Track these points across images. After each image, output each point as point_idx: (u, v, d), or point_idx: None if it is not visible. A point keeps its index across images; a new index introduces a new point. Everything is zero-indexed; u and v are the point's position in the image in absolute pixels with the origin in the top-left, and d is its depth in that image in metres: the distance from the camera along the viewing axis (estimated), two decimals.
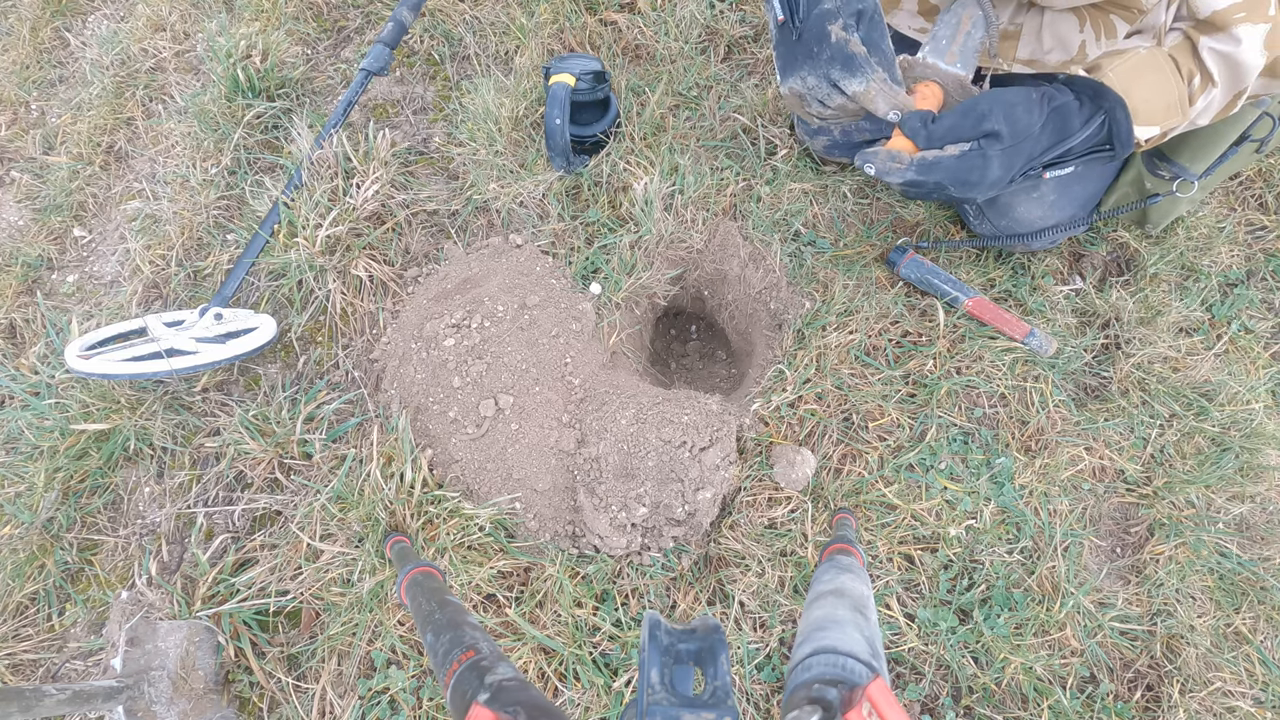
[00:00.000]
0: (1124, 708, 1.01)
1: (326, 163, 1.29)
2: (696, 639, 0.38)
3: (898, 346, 1.21)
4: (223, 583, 1.08)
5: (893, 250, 1.25)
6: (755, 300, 1.32)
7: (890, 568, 1.07)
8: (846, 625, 0.53)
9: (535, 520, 1.11)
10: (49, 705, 0.84)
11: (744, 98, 1.43)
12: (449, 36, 1.59)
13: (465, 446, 1.12)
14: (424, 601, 0.70)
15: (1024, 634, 1.03)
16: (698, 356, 1.55)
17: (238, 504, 1.15)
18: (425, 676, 1.03)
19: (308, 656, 1.05)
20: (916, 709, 1.01)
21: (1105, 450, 1.16)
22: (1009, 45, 1.01)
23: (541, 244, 1.31)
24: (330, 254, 1.26)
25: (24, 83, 1.74)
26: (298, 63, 1.56)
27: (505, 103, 1.38)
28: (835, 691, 0.44)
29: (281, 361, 1.27)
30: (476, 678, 0.51)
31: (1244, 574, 1.10)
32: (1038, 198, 1.12)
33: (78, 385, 1.22)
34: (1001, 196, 1.14)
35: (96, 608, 1.13)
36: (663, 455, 1.08)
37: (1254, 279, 1.32)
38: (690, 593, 1.08)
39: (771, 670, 1.03)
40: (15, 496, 1.18)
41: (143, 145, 1.57)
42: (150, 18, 1.71)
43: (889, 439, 1.15)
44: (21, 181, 1.60)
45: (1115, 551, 1.14)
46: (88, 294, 1.41)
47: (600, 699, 1.00)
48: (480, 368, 1.13)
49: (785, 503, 1.11)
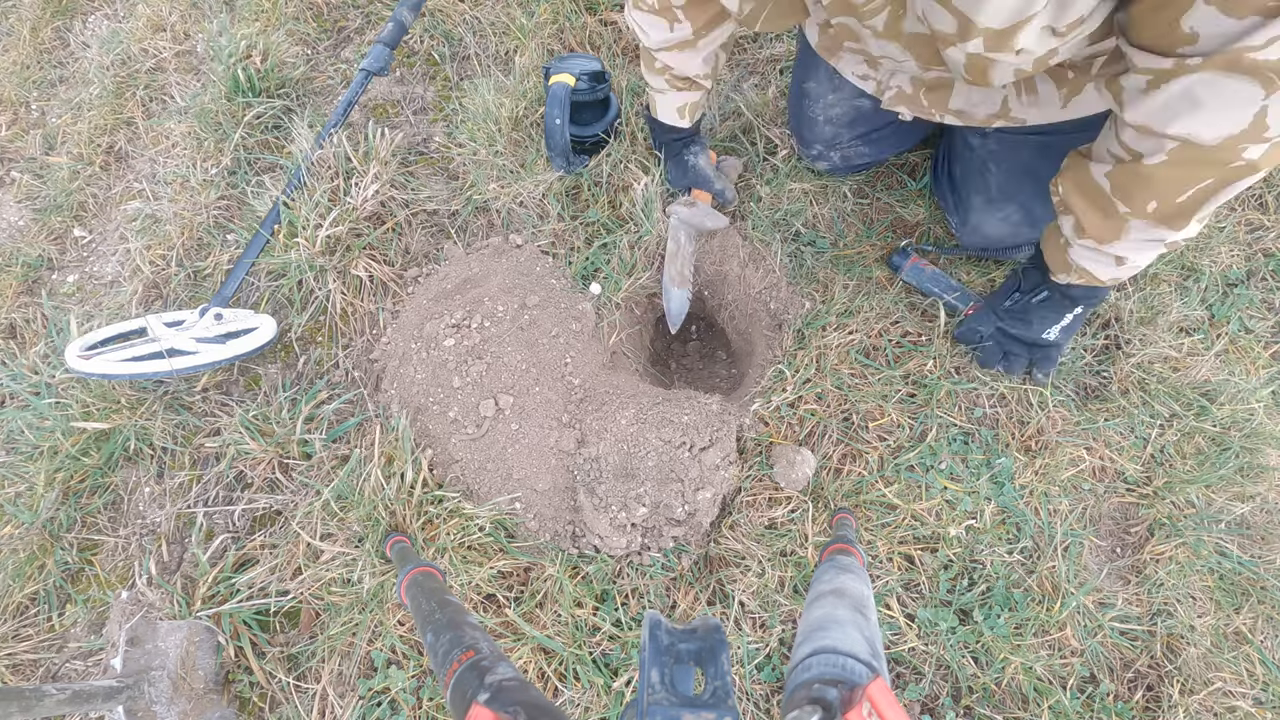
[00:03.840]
0: (1124, 708, 1.01)
1: (326, 163, 1.29)
2: (697, 639, 0.38)
3: (897, 346, 1.21)
4: (223, 583, 1.08)
5: (894, 253, 1.25)
6: (755, 300, 1.32)
7: (890, 568, 1.07)
8: (846, 625, 0.53)
9: (535, 520, 1.11)
10: (49, 705, 0.84)
11: (744, 98, 1.43)
12: (449, 36, 1.59)
13: (465, 446, 1.11)
14: (424, 601, 0.70)
15: (1024, 634, 1.03)
16: (698, 356, 1.55)
17: (238, 504, 1.15)
18: (425, 676, 1.03)
19: (308, 656, 1.05)
20: (916, 709, 1.01)
21: (1105, 450, 1.16)
22: (940, 96, 1.04)
23: (541, 244, 1.31)
24: (330, 254, 1.26)
25: (24, 83, 1.74)
26: (298, 63, 1.56)
27: (505, 103, 1.38)
28: (835, 691, 0.44)
29: (281, 361, 1.27)
30: (476, 678, 0.51)
31: (1244, 574, 1.10)
32: (1002, 219, 1.15)
33: (78, 385, 1.22)
34: (971, 217, 1.17)
35: (96, 608, 1.13)
36: (663, 455, 1.08)
37: (1254, 279, 1.32)
38: (690, 593, 1.08)
39: (771, 670, 1.03)
40: (15, 496, 1.18)
41: (143, 145, 1.57)
42: (150, 18, 1.71)
43: (889, 439, 1.15)
44: (22, 181, 1.60)
45: (1115, 551, 1.14)
46: (88, 294, 1.41)
47: (600, 699, 1.00)
48: (480, 368, 1.13)
49: (785, 503, 1.11)
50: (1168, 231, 0.83)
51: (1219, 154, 0.72)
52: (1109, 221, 0.86)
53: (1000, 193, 1.12)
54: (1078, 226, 0.90)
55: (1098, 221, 0.87)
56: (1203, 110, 0.70)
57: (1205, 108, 0.70)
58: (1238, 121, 0.69)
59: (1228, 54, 0.66)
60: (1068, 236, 0.93)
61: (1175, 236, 0.84)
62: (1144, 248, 0.88)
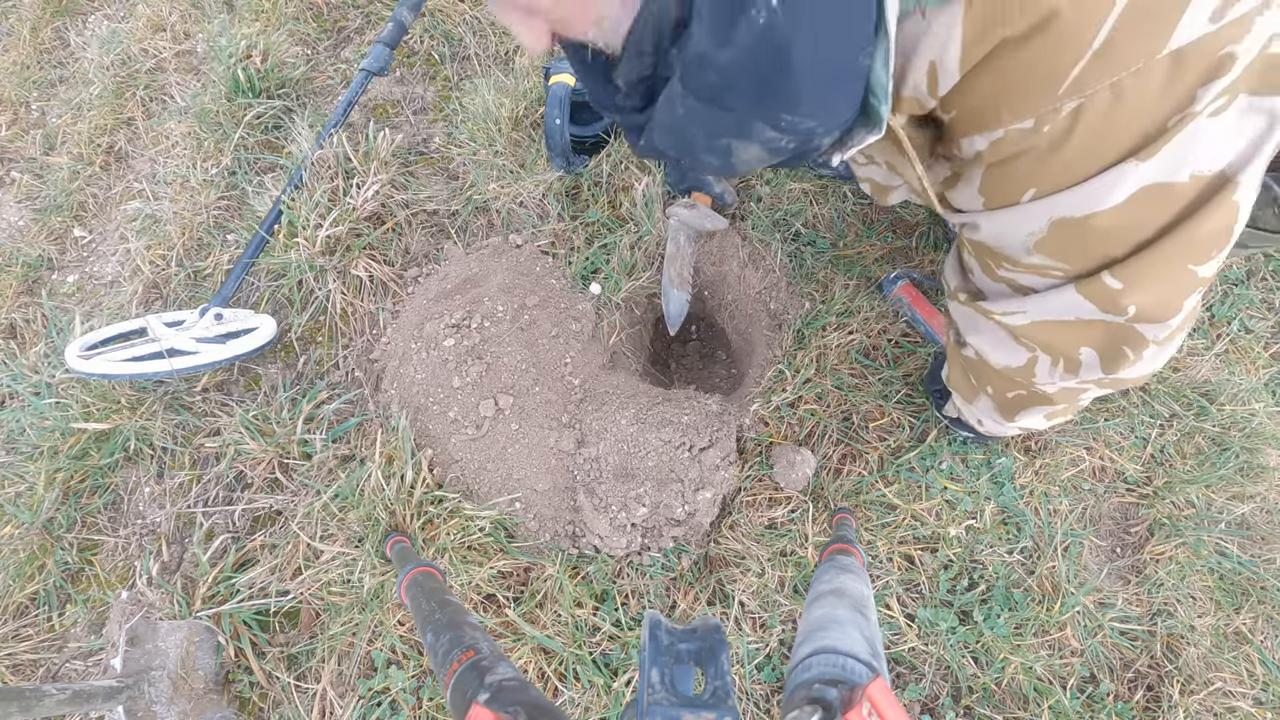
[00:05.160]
0: (1124, 708, 1.01)
1: (326, 163, 1.29)
2: (697, 639, 0.38)
3: (897, 347, 1.21)
4: (223, 583, 1.08)
5: (884, 280, 1.25)
6: (755, 300, 1.32)
7: (890, 568, 1.07)
8: (846, 625, 0.53)
9: (535, 520, 1.11)
10: (49, 705, 0.84)
11: None
12: (449, 36, 1.59)
13: (465, 447, 1.11)
14: (424, 601, 0.70)
15: (1024, 634, 1.03)
16: (698, 356, 1.55)
17: (238, 504, 1.15)
18: (425, 676, 1.03)
19: (308, 656, 1.05)
20: (916, 709, 1.01)
21: (1105, 450, 1.16)
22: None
23: (541, 244, 1.31)
24: (330, 254, 1.26)
25: (24, 83, 1.74)
26: (298, 63, 1.56)
27: (505, 103, 1.38)
28: (835, 691, 0.44)
29: (282, 361, 1.27)
30: (476, 678, 0.51)
31: (1244, 574, 1.10)
32: None
33: (78, 385, 1.22)
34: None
35: (96, 608, 1.13)
36: (662, 455, 1.08)
37: (1254, 279, 1.32)
38: (690, 593, 1.08)
39: (771, 670, 1.03)
40: (16, 496, 1.18)
41: (143, 145, 1.57)
42: (150, 18, 1.71)
43: (889, 439, 1.15)
44: (22, 181, 1.60)
45: (1115, 551, 1.14)
46: (88, 294, 1.41)
47: (600, 699, 1.00)
48: (480, 368, 1.13)
49: (785, 503, 1.11)
50: (1004, 419, 0.89)
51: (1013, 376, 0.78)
52: (966, 385, 0.91)
53: None
54: (949, 378, 0.96)
55: (960, 380, 0.92)
56: (979, 334, 0.78)
57: (981, 333, 0.78)
58: (1012, 358, 0.76)
59: (980, 306, 0.74)
60: (946, 379, 0.98)
61: (1017, 426, 0.90)
62: (993, 424, 0.93)
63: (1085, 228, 0.60)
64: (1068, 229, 0.61)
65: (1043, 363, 0.73)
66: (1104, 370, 0.70)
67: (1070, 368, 0.72)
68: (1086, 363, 0.70)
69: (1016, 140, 0.58)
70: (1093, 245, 0.61)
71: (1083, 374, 0.71)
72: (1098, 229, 0.59)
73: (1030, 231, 0.63)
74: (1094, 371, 0.70)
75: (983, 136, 0.60)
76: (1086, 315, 0.65)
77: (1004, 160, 0.61)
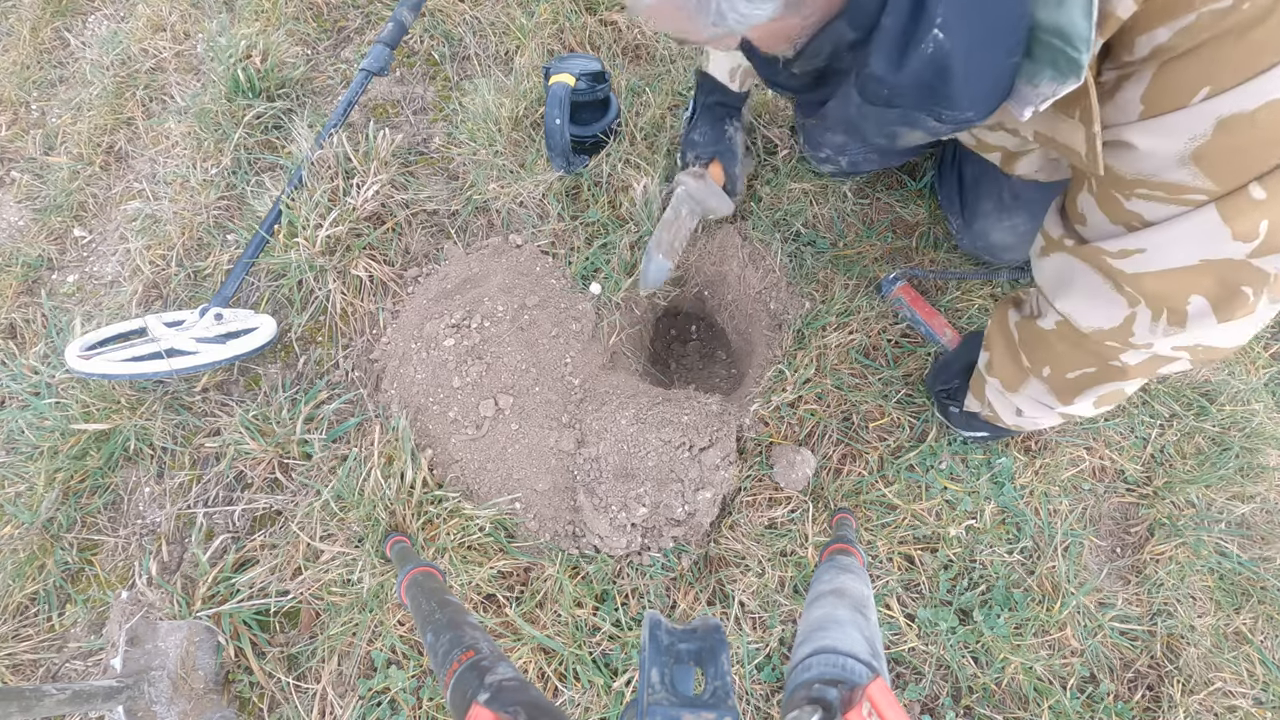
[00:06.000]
0: (1124, 708, 1.01)
1: (326, 163, 1.29)
2: (697, 639, 0.38)
3: (897, 347, 1.21)
4: (223, 583, 1.08)
5: (884, 280, 1.25)
6: (755, 300, 1.32)
7: (890, 568, 1.07)
8: (846, 625, 0.53)
9: (535, 520, 1.11)
10: (49, 705, 0.84)
11: None
12: (449, 36, 1.59)
13: (465, 447, 1.11)
14: (424, 601, 0.70)
15: (1024, 634, 1.03)
16: (698, 356, 1.55)
17: (238, 504, 1.15)
18: (425, 676, 1.03)
19: (308, 656, 1.05)
20: (916, 709, 1.01)
21: (1105, 450, 1.16)
22: None
23: (541, 244, 1.31)
24: (330, 254, 1.26)
25: (24, 83, 1.74)
26: (298, 63, 1.56)
27: (505, 103, 1.38)
28: (835, 691, 0.44)
29: (281, 361, 1.27)
30: (476, 678, 0.51)
31: (1244, 574, 1.10)
32: (1010, 227, 1.14)
33: (78, 385, 1.22)
34: (978, 222, 1.18)
35: (96, 608, 1.13)
36: (662, 455, 1.08)
37: None
38: (690, 593, 1.08)
39: (771, 670, 1.03)
40: (15, 496, 1.18)
41: (143, 145, 1.57)
42: (150, 18, 1.71)
43: (889, 439, 1.15)
44: (22, 181, 1.60)
45: (1115, 551, 1.14)
46: (88, 294, 1.41)
47: (600, 699, 1.00)
48: (480, 368, 1.13)
49: (785, 503, 1.11)
50: (1058, 402, 0.88)
51: (1096, 345, 0.77)
52: (1014, 369, 0.91)
53: (1014, 199, 1.10)
54: (990, 364, 0.95)
55: (1006, 364, 0.92)
56: (1074, 292, 0.76)
57: (1075, 290, 0.76)
58: (1107, 318, 0.74)
59: (1090, 248, 0.72)
60: (982, 370, 0.98)
61: (1067, 410, 0.89)
62: (1039, 409, 0.93)
63: (1254, 125, 0.56)
64: (1235, 128, 0.57)
65: (1143, 318, 0.70)
66: (1217, 316, 0.66)
67: (1175, 319, 0.69)
68: (1194, 313, 0.67)
69: (1208, 24, 0.54)
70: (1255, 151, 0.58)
71: (1190, 326, 0.68)
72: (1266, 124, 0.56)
73: (1192, 135, 0.59)
74: (1203, 321, 0.67)
75: (1166, 27, 0.56)
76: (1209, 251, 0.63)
77: (1183, 54, 0.57)
